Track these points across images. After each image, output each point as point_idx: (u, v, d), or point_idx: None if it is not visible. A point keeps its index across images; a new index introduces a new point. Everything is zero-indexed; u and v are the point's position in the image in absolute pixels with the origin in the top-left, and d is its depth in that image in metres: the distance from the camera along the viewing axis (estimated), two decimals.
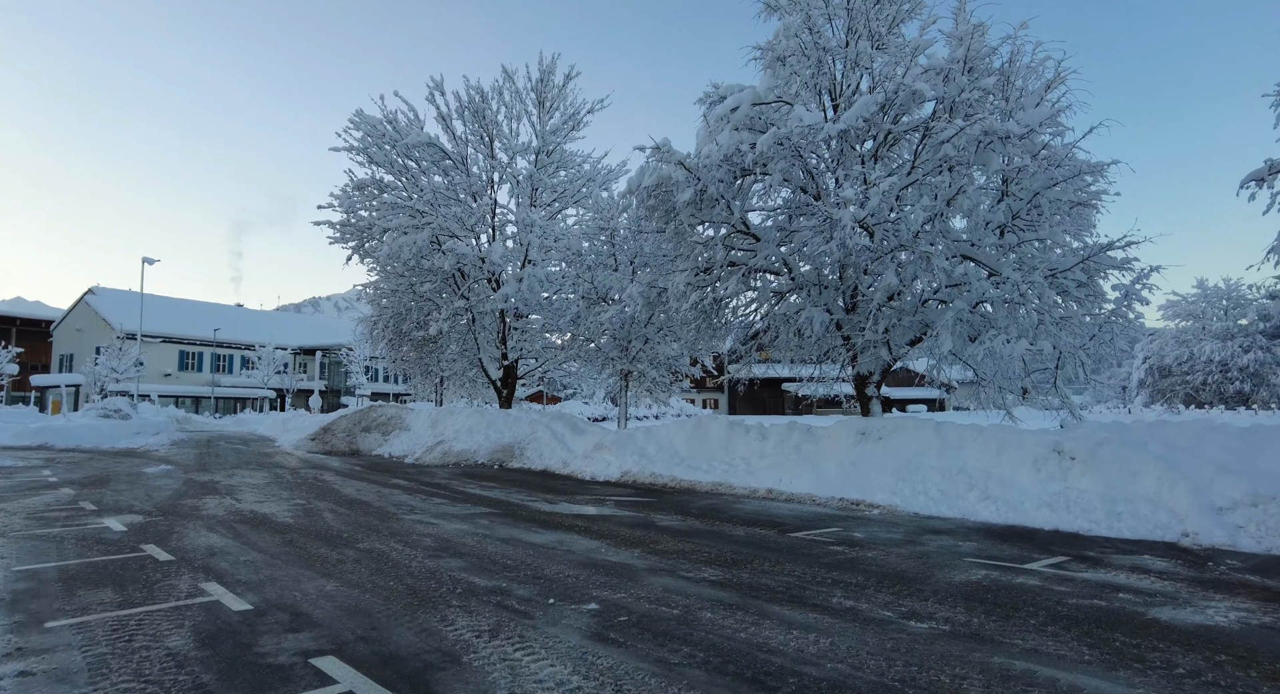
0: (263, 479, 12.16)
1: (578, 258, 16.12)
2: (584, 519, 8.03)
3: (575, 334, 17.03)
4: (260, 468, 14.35)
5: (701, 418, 14.01)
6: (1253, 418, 37.68)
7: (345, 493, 10.43)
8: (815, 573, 5.25)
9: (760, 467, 11.76)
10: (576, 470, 13.96)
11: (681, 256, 12.03)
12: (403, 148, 19.29)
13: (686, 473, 12.24)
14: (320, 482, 11.94)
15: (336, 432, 20.06)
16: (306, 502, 9.40)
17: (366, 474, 13.40)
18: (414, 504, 9.25)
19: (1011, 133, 9.04)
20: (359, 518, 7.96)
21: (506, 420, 17.53)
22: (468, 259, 18.07)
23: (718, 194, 11.03)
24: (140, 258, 32.23)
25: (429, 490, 10.83)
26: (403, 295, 21.26)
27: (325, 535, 6.80)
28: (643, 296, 12.43)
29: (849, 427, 11.16)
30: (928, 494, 9.35)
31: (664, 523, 7.80)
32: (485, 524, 7.57)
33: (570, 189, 20.40)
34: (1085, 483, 8.34)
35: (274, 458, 16.98)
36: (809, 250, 10.86)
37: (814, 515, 8.66)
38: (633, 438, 14.30)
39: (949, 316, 9.93)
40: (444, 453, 16.59)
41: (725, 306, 12.63)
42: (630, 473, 12.84)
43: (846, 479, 10.31)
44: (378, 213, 19.44)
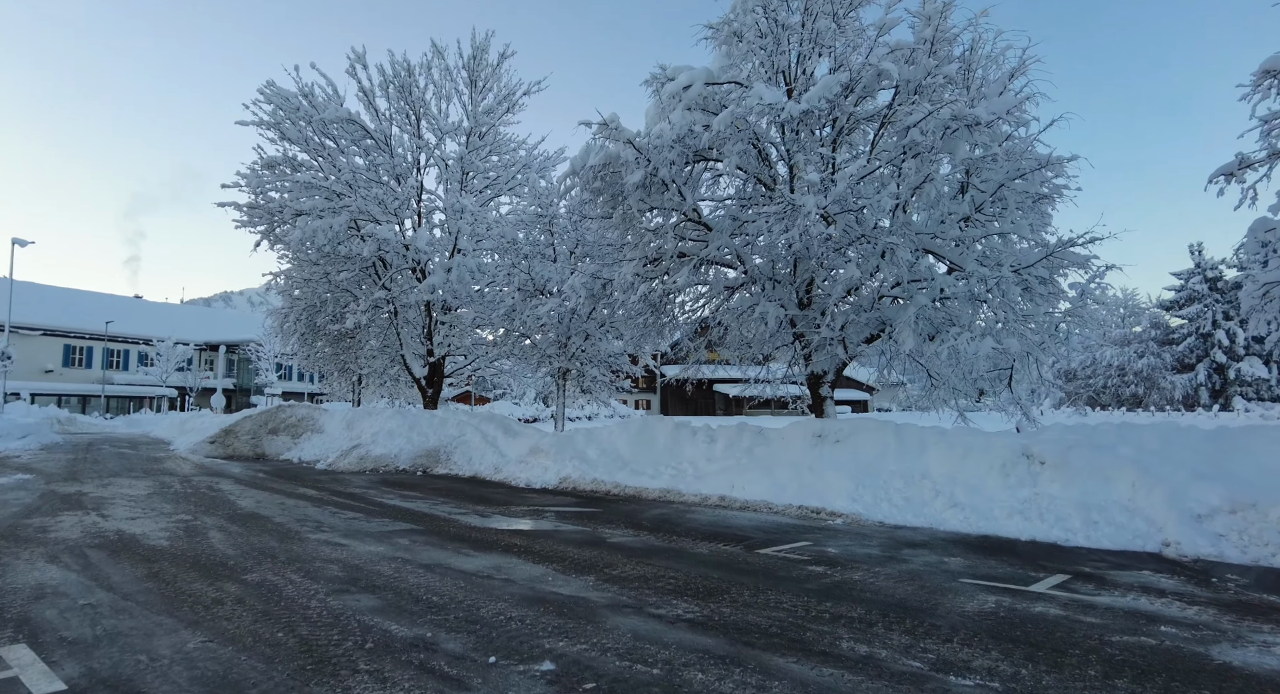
0: (144, 489, 10.53)
1: (513, 246, 14.98)
2: (523, 537, 7.02)
3: (509, 329, 15.88)
4: (145, 476, 12.59)
5: (647, 419, 13.16)
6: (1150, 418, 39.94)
7: (241, 506, 9.03)
8: (806, 605, 4.45)
9: (710, 471, 11.00)
10: (510, 477, 12.85)
11: (629, 245, 11.14)
12: (319, 124, 17.64)
13: (631, 479, 11.36)
14: (214, 492, 10.43)
15: (240, 434, 18.16)
16: (192, 517, 8.00)
17: (270, 482, 11.90)
18: (322, 519, 7.99)
19: (980, 119, 8.57)
20: (253, 538, 6.69)
21: (432, 422, 16.20)
22: (390, 245, 16.63)
23: (670, 177, 10.20)
24: (10, 239, 28.84)
25: (341, 502, 9.54)
26: (317, 285, 19.54)
27: (205, 563, 5.55)
28: (585, 288, 11.48)
29: (804, 428, 10.53)
30: (891, 501, 8.78)
31: (616, 539, 6.88)
32: (405, 545, 6.46)
33: (504, 176, 19.17)
34: (1056, 489, 7.92)
35: (164, 463, 15.10)
36: (764, 242, 10.17)
37: (776, 526, 7.92)
38: (572, 441, 13.31)
39: (910, 313, 9.42)
40: (361, 458, 15.12)
41: (673, 301, 11.81)
42: (570, 479, 11.86)
43: (803, 485, 9.65)
44: (290, 194, 17.70)
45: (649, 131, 10.41)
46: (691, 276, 10.66)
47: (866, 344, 10.89)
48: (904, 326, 9.53)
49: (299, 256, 19.34)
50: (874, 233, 9.17)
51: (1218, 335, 55.29)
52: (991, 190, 9.43)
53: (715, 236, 10.99)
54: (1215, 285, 56.63)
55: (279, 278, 20.90)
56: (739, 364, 13.93)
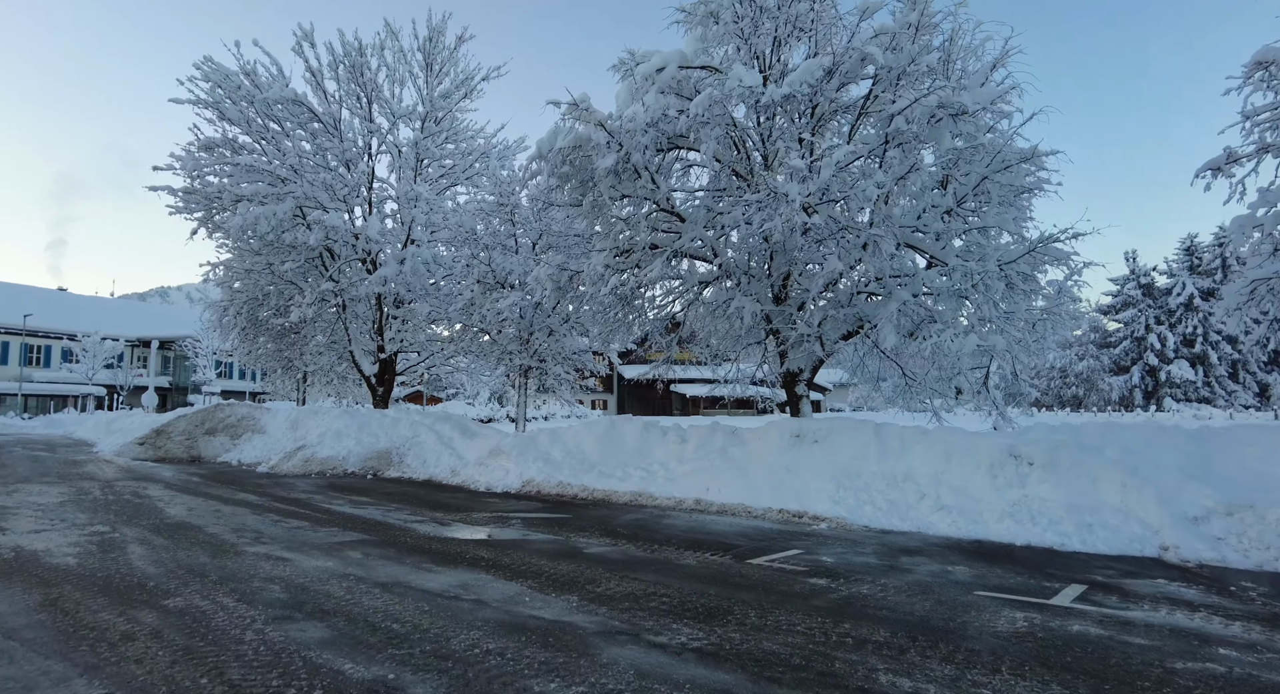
0: (57, 497, 9.47)
1: (471, 237, 14.21)
2: (490, 548, 6.38)
3: (467, 324, 15.09)
4: (60, 481, 11.42)
5: (614, 419, 12.59)
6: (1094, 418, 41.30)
7: (170, 514, 8.13)
8: (824, 627, 3.96)
9: (682, 473, 10.50)
10: (468, 480, 12.12)
11: (599, 235, 10.56)
12: (262, 104, 16.52)
13: (599, 481, 10.77)
14: (139, 498, 9.44)
15: (173, 435, 16.88)
16: (110, 529, 7.10)
17: (205, 487, 10.92)
18: (262, 529, 7.19)
19: (967, 107, 8.29)
20: (180, 553, 5.88)
21: (383, 422, 15.30)
22: (339, 234, 15.65)
23: (643, 163, 9.66)
24: None
25: (284, 508, 8.71)
26: (259, 277, 18.37)
27: (119, 586, 4.76)
28: (552, 280, 10.85)
29: (780, 428, 10.13)
30: (874, 504, 8.43)
31: (593, 549, 6.30)
32: (358, 560, 5.75)
33: (461, 164, 18.33)
34: (1046, 491, 7.66)
35: (84, 467, 13.84)
36: (741, 234, 9.72)
37: (759, 532, 7.46)
38: (535, 442, 12.64)
39: (892, 308, 9.09)
40: (306, 460, 14.14)
41: (643, 295, 11.27)
42: (534, 482, 11.21)
43: (781, 486, 9.24)
44: (230, 178, 16.52)
45: (621, 114, 9.85)
46: (664, 270, 10.13)
47: (844, 340, 10.56)
48: (885, 322, 9.20)
49: (239, 246, 18.14)
50: (856, 225, 8.81)
51: (1150, 339, 57.65)
52: (974, 183, 9.17)
53: (689, 228, 10.50)
54: (1149, 291, 59.11)
55: (218, 269, 19.60)
56: (710, 363, 13.49)
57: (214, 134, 16.56)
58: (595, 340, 12.83)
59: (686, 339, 11.71)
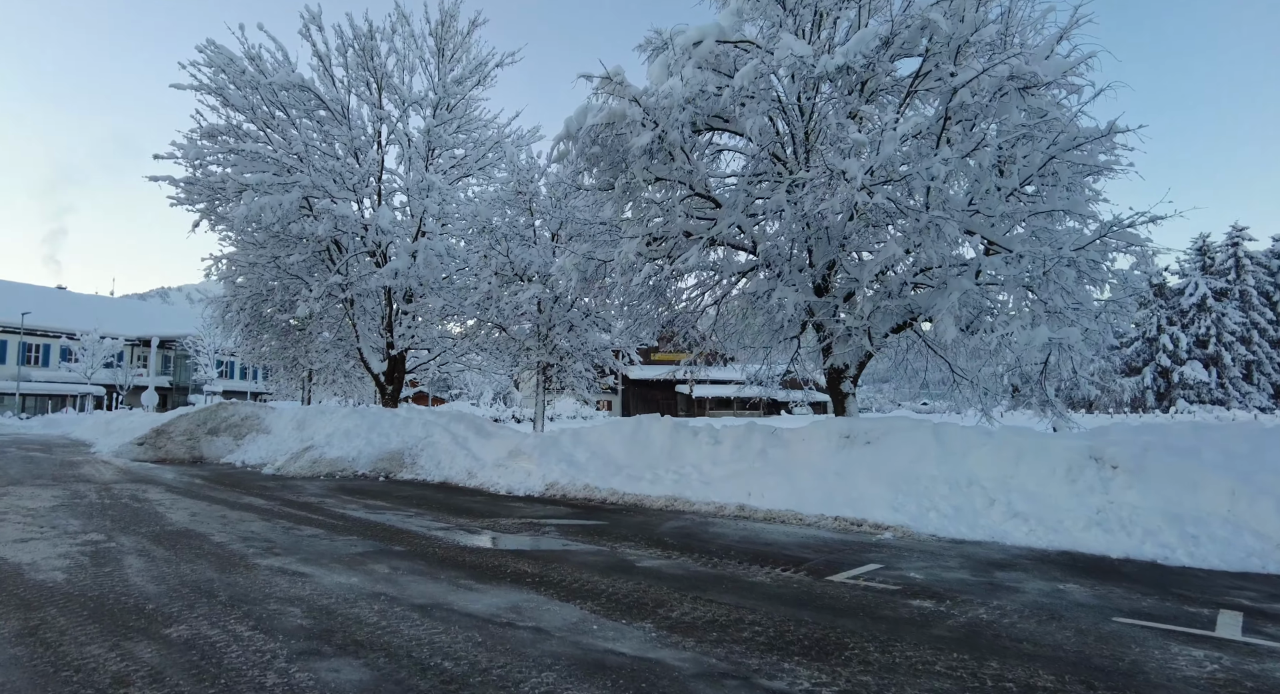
0: (49, 501, 8.78)
1: (487, 228, 13.52)
2: (530, 560, 5.68)
3: (482, 319, 14.39)
4: (54, 483, 10.74)
5: (640, 419, 11.91)
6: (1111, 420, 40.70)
7: (172, 520, 7.44)
8: (965, 665, 3.27)
9: (718, 477, 9.81)
10: (486, 483, 11.43)
11: (629, 222, 9.87)
12: (268, 90, 15.83)
13: (629, 485, 10.08)
14: (139, 502, 8.75)
15: (174, 435, 16.19)
16: (105, 537, 6.41)
17: (209, 490, 10.23)
18: (274, 538, 6.50)
19: (1041, 78, 7.61)
20: (184, 567, 5.19)
21: (394, 422, 14.60)
22: (348, 225, 14.97)
23: (680, 142, 8.98)
24: None
25: (296, 514, 8.02)
26: (264, 271, 17.68)
27: (113, 609, 4.07)
28: (577, 270, 10.17)
29: (828, 429, 9.43)
30: (938, 510, 7.73)
31: (647, 563, 5.60)
32: (386, 575, 5.06)
33: (474, 154, 17.65)
34: (1133, 497, 6.97)
35: (81, 468, 13.15)
36: (787, 217, 9.02)
37: (822, 543, 6.77)
38: (557, 443, 11.95)
39: (953, 298, 8.40)
40: (313, 461, 13.45)
41: (673, 286, 10.58)
42: (558, 486, 10.52)
43: (832, 492, 8.54)
44: (234, 168, 15.84)
45: (655, 90, 9.17)
46: (700, 258, 9.44)
47: (894, 333, 9.87)
48: (944, 314, 8.50)
49: (243, 238, 17.47)
50: (915, 207, 8.11)
51: (1162, 340, 56.94)
52: (1039, 163, 8.47)
53: (725, 214, 9.81)
54: (1160, 291, 58.40)
55: (220, 262, 18.90)
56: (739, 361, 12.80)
57: (217, 121, 15.88)
58: (622, 335, 12.13)
59: (721, 334, 11.01)
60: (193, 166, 16.15)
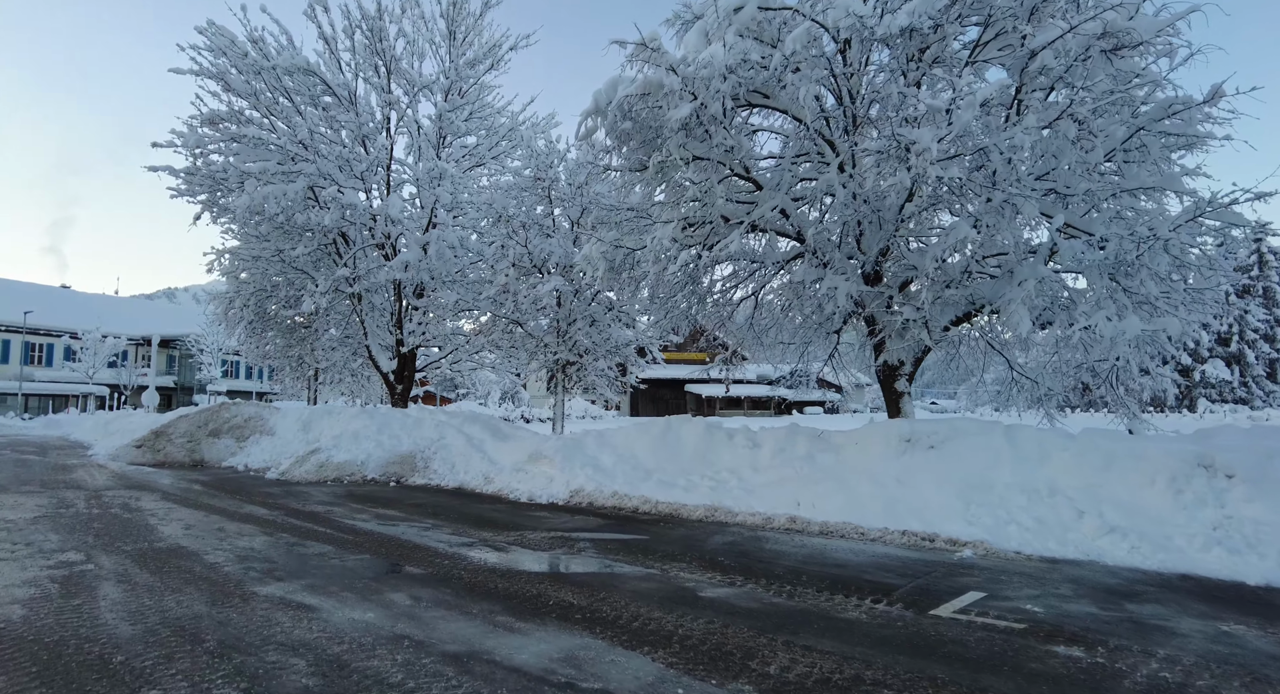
0: (32, 510, 8.01)
1: (503, 217, 12.71)
2: (575, 588, 4.86)
3: (497, 315, 13.59)
4: (41, 490, 9.98)
5: (670, 421, 11.09)
6: None
7: (163, 535, 6.65)
8: None
9: (760, 484, 8.98)
10: (505, 489, 10.63)
11: (662, 205, 9.05)
12: (271, 75, 15.06)
13: (661, 492, 9.25)
14: (129, 513, 7.97)
15: (173, 437, 15.43)
16: (85, 557, 5.63)
17: (208, 497, 9.45)
18: (276, 557, 5.70)
19: (1139, 37, 6.75)
20: (169, 599, 4.40)
21: (405, 423, 13.82)
22: (356, 215, 14.18)
23: (721, 114, 8.14)
24: None
25: (300, 526, 7.22)
26: (268, 265, 16.96)
27: (73, 663, 3.27)
28: (605, 259, 9.36)
29: (886, 432, 8.58)
30: (1019, 524, 6.88)
31: (711, 592, 4.78)
32: (407, 608, 4.25)
33: (486, 143, 16.84)
34: (1257, 511, 6.11)
35: (73, 473, 12.40)
36: (840, 198, 8.17)
37: (898, 562, 5.93)
38: (581, 446, 11.14)
39: (1028, 286, 7.54)
40: (320, 465, 12.67)
41: (707, 277, 9.76)
42: (583, 493, 9.70)
43: (894, 501, 7.70)
44: (236, 156, 15.08)
45: (693, 59, 8.33)
46: (741, 244, 8.61)
47: (954, 326, 9.03)
48: (1017, 304, 7.64)
49: (246, 231, 16.72)
50: (987, 185, 7.25)
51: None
52: (1126, 135, 7.61)
53: (767, 196, 8.98)
54: None
55: (223, 257, 18.19)
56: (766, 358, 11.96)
57: (219, 106, 15.11)
58: (650, 329, 11.29)
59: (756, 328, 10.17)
60: (193, 155, 15.40)
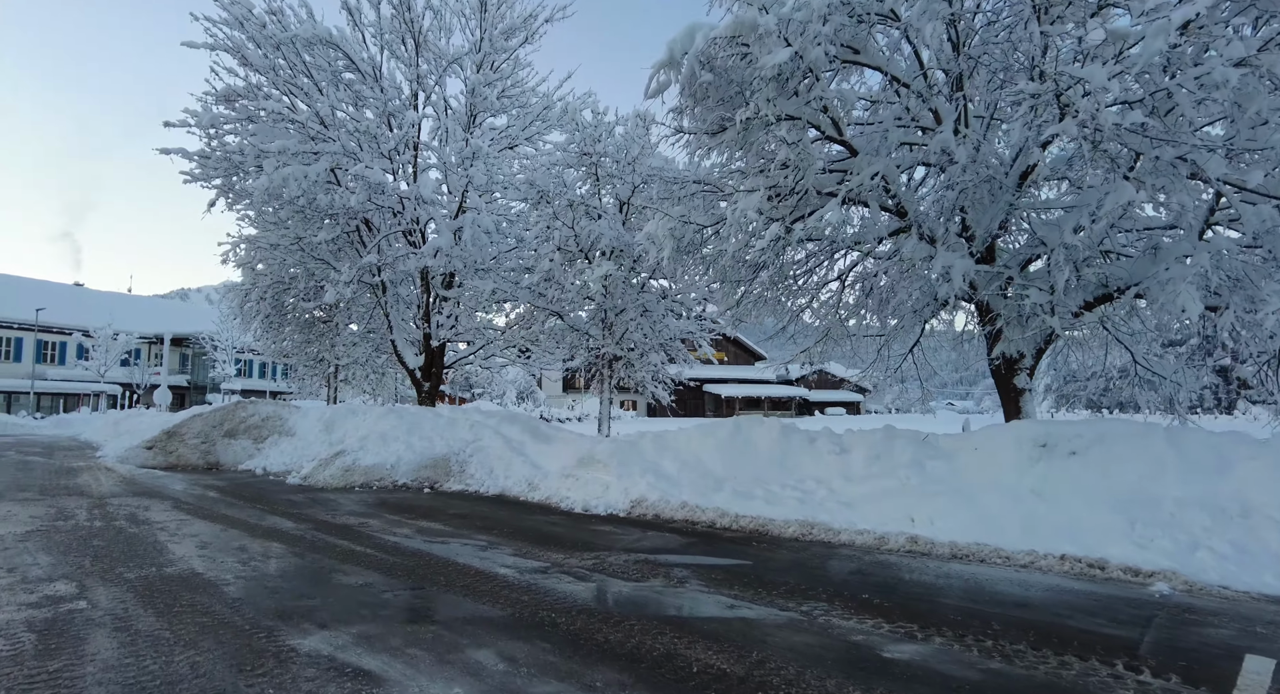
0: (25, 523, 6.92)
1: (545, 196, 11.54)
2: (710, 643, 3.67)
3: (537, 306, 12.44)
4: (40, 497, 8.91)
5: (739, 422, 9.91)
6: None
7: (174, 557, 5.54)
8: None
9: (857, 496, 7.77)
10: (554, 496, 9.49)
11: (749, 172, 7.87)
12: (291, 49, 13.99)
13: (738, 504, 8.05)
14: (136, 526, 6.86)
15: (186, 437, 14.39)
16: (77, 588, 4.51)
17: (224, 507, 8.34)
18: (313, 592, 4.55)
19: None
20: (178, 658, 3.26)
21: (436, 423, 12.69)
22: (383, 198, 13.07)
23: (822, 63, 6.94)
24: None
25: (335, 545, 6.08)
26: (286, 254, 15.89)
27: None
28: (672, 237, 8.19)
29: (1015, 435, 7.34)
30: (1211, 549, 5.63)
31: (895, 651, 3.58)
32: (505, 679, 3.08)
33: (519, 124, 15.70)
34: None
35: (78, 477, 11.36)
36: (962, 158, 6.95)
37: (1092, 600, 4.71)
38: (637, 450, 9.97)
39: (1202, 259, 6.30)
40: (345, 469, 11.57)
41: (791, 256, 8.55)
42: (646, 502, 8.53)
43: (1033, 519, 6.47)
44: (254, 136, 14.01)
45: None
46: (841, 217, 7.42)
47: (1086, 311, 7.79)
48: (1184, 285, 6.40)
49: (264, 218, 15.67)
50: (1163, 137, 6.01)
51: (1222, 336, 53.99)
52: None
53: (862, 163, 7.77)
54: None
55: (238, 247, 17.15)
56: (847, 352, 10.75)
57: (236, 82, 14.05)
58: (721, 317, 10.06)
59: (843, 313, 8.97)
60: (207, 135, 14.35)
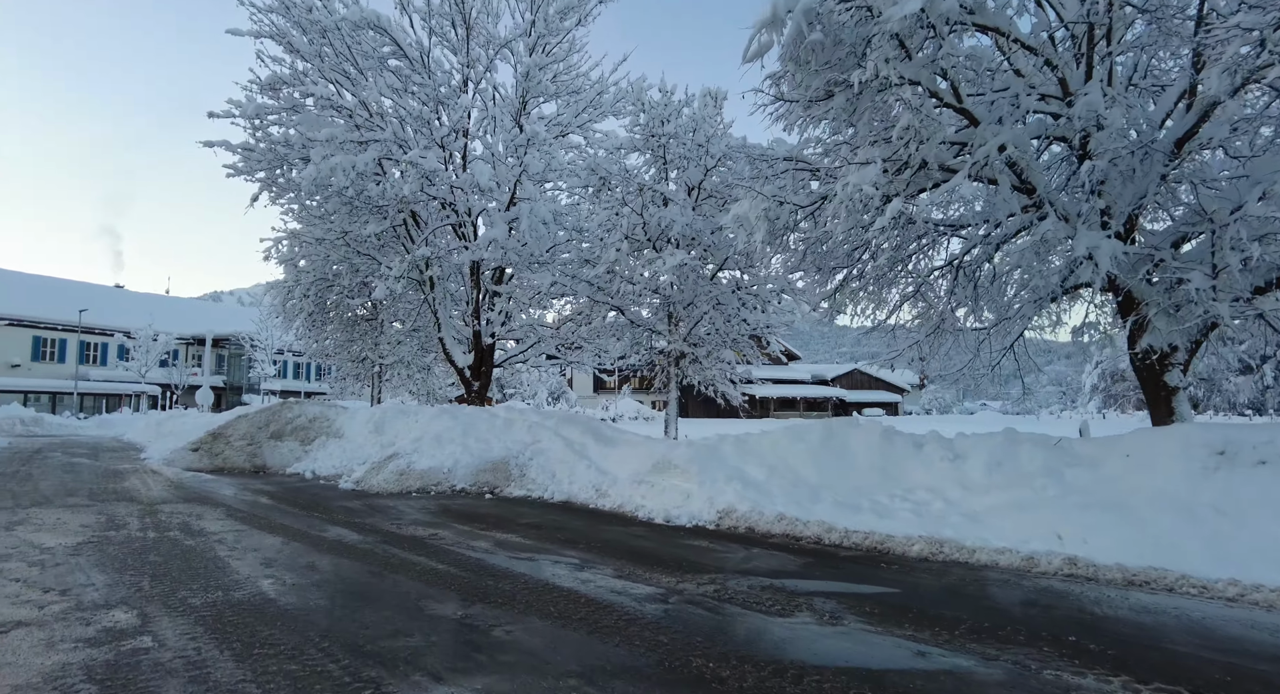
0: (74, 534, 6.34)
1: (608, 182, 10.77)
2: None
3: (597, 300, 11.69)
4: (89, 503, 8.39)
5: (830, 424, 9.07)
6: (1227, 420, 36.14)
7: (239, 577, 4.87)
8: None
9: (982, 509, 6.89)
10: (626, 505, 8.75)
11: (860, 143, 7.02)
12: (337, 35, 13.42)
13: (844, 517, 7.19)
14: (192, 539, 6.24)
15: (232, 439, 13.90)
16: (138, 619, 3.85)
17: (280, 515, 7.72)
18: (409, 627, 3.84)
19: None
20: None
21: (492, 424, 12.02)
22: (436, 187, 12.42)
23: (957, 9, 6.08)
24: None
25: (413, 563, 5.37)
26: (330, 250, 15.37)
27: None
28: (765, 217, 7.38)
29: (1183, 440, 6.39)
30: None
31: None
32: None
33: (571, 109, 14.99)
34: None
35: (125, 481, 10.89)
36: (1113, 121, 6.05)
37: None
38: (718, 454, 9.17)
39: None
40: (400, 473, 10.94)
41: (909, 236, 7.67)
42: (735, 514, 7.71)
43: (1220, 540, 5.54)
44: (299, 125, 13.47)
45: None
46: (969, 191, 6.53)
47: (1258, 296, 6.82)
48: None
49: (308, 212, 15.17)
50: None
51: None
52: None
53: (985, 133, 6.89)
54: None
55: (280, 244, 16.71)
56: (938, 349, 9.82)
57: (281, 70, 13.54)
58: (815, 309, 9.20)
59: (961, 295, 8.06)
60: (252, 126, 13.86)
